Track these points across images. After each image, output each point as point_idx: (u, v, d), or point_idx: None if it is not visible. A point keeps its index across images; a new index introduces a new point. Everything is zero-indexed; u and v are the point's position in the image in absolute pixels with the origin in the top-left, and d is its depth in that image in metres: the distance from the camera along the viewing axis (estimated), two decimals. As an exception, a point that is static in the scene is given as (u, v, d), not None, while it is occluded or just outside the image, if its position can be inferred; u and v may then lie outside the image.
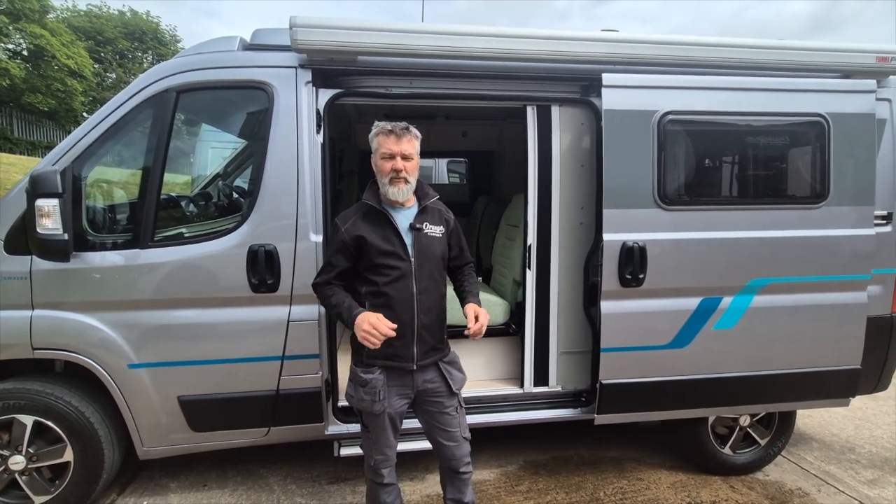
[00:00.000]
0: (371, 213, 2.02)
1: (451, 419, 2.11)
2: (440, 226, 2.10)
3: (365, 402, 1.99)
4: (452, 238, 2.18)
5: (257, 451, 3.16)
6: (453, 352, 2.19)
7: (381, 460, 2.09)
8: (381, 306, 1.95)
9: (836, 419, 4.03)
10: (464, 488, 2.18)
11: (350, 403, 2.08)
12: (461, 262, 2.25)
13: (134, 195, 2.57)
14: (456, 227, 2.20)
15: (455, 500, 2.19)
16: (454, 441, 2.12)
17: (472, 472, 2.20)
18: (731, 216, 2.72)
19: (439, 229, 2.09)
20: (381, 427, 2.04)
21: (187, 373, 2.52)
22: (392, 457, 2.13)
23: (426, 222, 2.05)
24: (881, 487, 3.10)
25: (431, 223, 2.07)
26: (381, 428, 2.05)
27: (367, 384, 1.98)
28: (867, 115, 2.76)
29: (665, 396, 2.82)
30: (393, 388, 2.02)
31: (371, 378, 1.98)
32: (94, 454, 2.52)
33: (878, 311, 2.98)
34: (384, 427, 2.05)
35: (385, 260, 1.96)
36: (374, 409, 1.98)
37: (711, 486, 3.06)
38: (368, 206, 2.02)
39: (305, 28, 2.35)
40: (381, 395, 1.98)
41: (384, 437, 2.06)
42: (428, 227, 2.05)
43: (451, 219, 2.18)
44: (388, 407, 2.01)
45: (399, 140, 1.96)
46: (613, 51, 2.62)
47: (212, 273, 2.48)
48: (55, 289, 2.40)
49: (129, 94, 2.47)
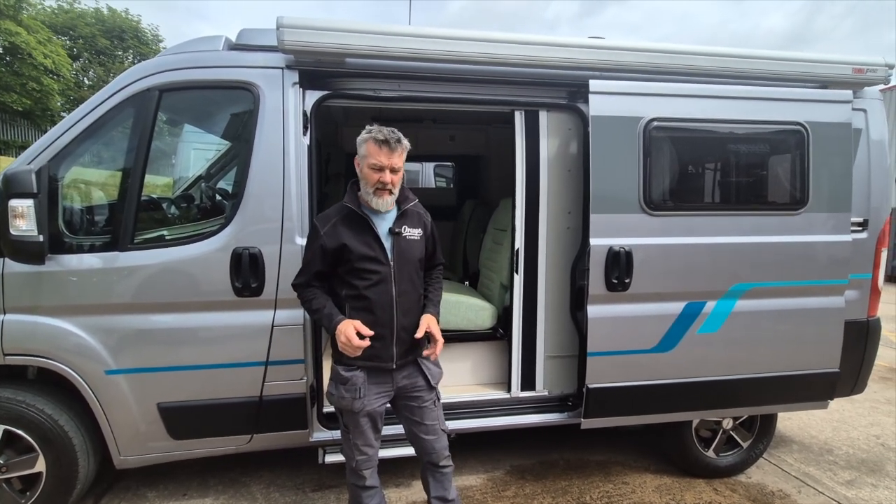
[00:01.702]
0: (351, 216, 2.03)
1: (430, 412, 2.16)
2: (418, 228, 2.12)
3: (345, 400, 2.02)
4: (429, 243, 2.19)
5: (240, 458, 3.09)
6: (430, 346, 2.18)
7: (362, 461, 2.10)
8: (361, 309, 1.99)
9: (815, 421, 4.12)
10: (447, 484, 2.23)
11: (331, 402, 2.10)
12: (433, 262, 2.27)
13: (113, 196, 2.50)
14: (433, 229, 2.22)
15: (440, 499, 2.22)
16: (433, 434, 2.17)
17: (452, 466, 2.25)
18: (714, 222, 2.77)
19: (418, 232, 2.11)
20: (361, 426, 2.06)
21: (167, 379, 2.45)
22: (374, 457, 2.15)
23: (405, 226, 2.07)
24: (858, 488, 3.17)
25: (410, 226, 2.09)
26: (362, 427, 2.07)
27: (347, 381, 2.01)
28: (844, 125, 2.84)
29: (651, 400, 2.84)
30: (373, 386, 2.05)
31: (351, 376, 2.02)
32: (67, 464, 2.43)
33: (855, 316, 3.06)
34: (364, 426, 2.07)
35: (365, 265, 1.99)
36: (353, 407, 2.02)
37: (695, 488, 3.09)
38: (349, 210, 2.03)
39: (293, 29, 2.32)
40: (361, 392, 2.01)
41: (364, 436, 2.08)
42: (407, 230, 2.07)
43: (429, 220, 2.20)
44: (368, 405, 2.04)
45: (391, 153, 1.96)
46: (600, 57, 2.65)
47: (194, 276, 2.42)
48: (29, 292, 2.32)
49: (109, 92, 2.41)
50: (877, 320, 3.18)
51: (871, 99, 3.11)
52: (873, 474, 3.34)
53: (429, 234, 2.18)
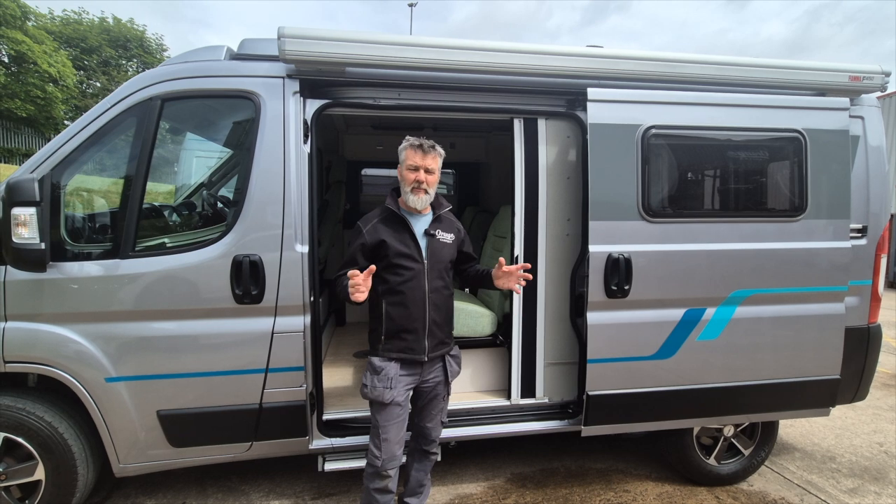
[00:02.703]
0: (391, 217, 2.27)
1: (438, 403, 2.42)
2: (451, 234, 2.35)
3: (377, 390, 2.20)
4: (464, 246, 2.44)
5: (239, 466, 3.09)
6: (457, 346, 2.47)
7: (387, 459, 2.22)
8: (395, 304, 2.20)
9: (817, 429, 4.10)
10: (428, 469, 2.54)
11: (364, 395, 2.26)
12: (468, 262, 2.51)
13: (115, 204, 2.52)
14: (465, 237, 2.47)
15: (418, 482, 2.52)
16: (434, 422, 2.44)
17: (438, 455, 2.55)
18: (713, 228, 2.78)
19: (450, 237, 2.34)
20: (392, 418, 2.23)
21: (167, 386, 2.45)
22: (399, 457, 2.28)
23: (439, 230, 2.30)
24: (861, 496, 3.14)
25: (444, 231, 2.32)
26: (392, 418, 2.23)
27: (380, 372, 2.21)
28: (842, 132, 2.85)
29: (651, 407, 2.83)
30: (403, 377, 2.25)
31: (385, 366, 2.22)
32: (67, 472, 2.43)
33: (856, 322, 3.06)
34: (394, 418, 2.23)
35: (401, 261, 2.20)
36: (384, 397, 2.20)
37: (697, 496, 3.07)
38: (389, 211, 2.27)
39: (294, 38, 2.35)
40: (392, 382, 2.21)
41: (395, 429, 2.23)
42: (440, 234, 2.30)
43: (462, 228, 2.46)
44: (398, 395, 2.23)
45: (425, 155, 2.22)
46: (598, 66, 2.67)
47: (194, 284, 2.43)
48: (30, 300, 2.33)
49: (112, 101, 2.43)
50: (877, 327, 3.17)
51: (869, 106, 3.12)
52: (876, 482, 3.31)
53: (461, 238, 2.42)
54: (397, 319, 2.22)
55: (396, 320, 2.22)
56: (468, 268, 2.50)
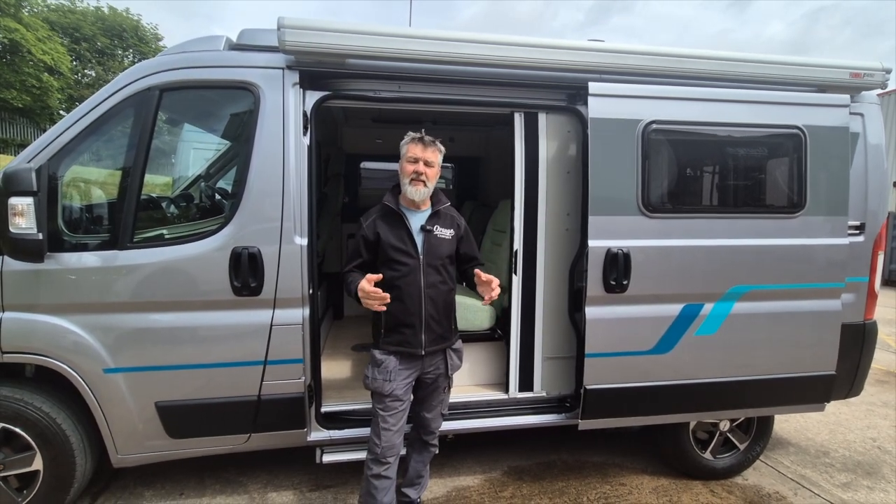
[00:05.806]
0: (389, 213, 2.29)
1: (439, 395, 2.45)
2: (450, 229, 2.35)
3: (377, 382, 2.26)
4: (463, 242, 2.42)
5: (236, 458, 3.09)
6: (460, 341, 2.48)
7: (387, 447, 2.26)
8: (393, 299, 2.18)
9: (811, 424, 4.13)
10: (427, 459, 2.58)
11: (366, 386, 2.31)
12: (470, 261, 2.48)
13: (113, 195, 2.50)
14: (466, 232, 2.45)
15: (416, 472, 2.57)
16: (434, 413, 2.47)
17: (437, 446, 2.58)
18: (712, 224, 2.78)
19: (449, 232, 2.34)
20: (391, 409, 2.26)
21: (165, 378, 2.45)
22: (398, 445, 2.31)
23: (437, 225, 2.31)
24: (854, 490, 3.18)
25: (442, 226, 2.32)
26: (392, 409, 2.26)
27: (381, 364, 2.26)
28: (841, 129, 2.85)
29: (648, 402, 2.85)
30: (402, 370, 2.28)
31: (385, 359, 2.27)
32: (65, 462, 2.43)
33: (852, 319, 3.07)
34: (394, 408, 2.26)
35: (396, 256, 2.23)
36: (384, 389, 2.24)
37: (692, 490, 3.10)
38: (387, 208, 2.29)
39: (294, 29, 2.33)
40: (392, 375, 2.25)
41: (394, 419, 2.26)
42: (438, 229, 2.30)
43: (463, 224, 2.44)
44: (397, 388, 2.26)
45: (425, 148, 2.25)
46: (599, 60, 2.66)
47: (193, 275, 2.43)
48: (27, 290, 2.32)
49: (110, 91, 2.41)
50: (873, 323, 3.19)
51: (869, 103, 3.12)
52: (869, 477, 3.35)
53: (461, 234, 2.41)
54: (395, 314, 2.24)
55: (394, 315, 2.24)
56: (468, 268, 2.46)
